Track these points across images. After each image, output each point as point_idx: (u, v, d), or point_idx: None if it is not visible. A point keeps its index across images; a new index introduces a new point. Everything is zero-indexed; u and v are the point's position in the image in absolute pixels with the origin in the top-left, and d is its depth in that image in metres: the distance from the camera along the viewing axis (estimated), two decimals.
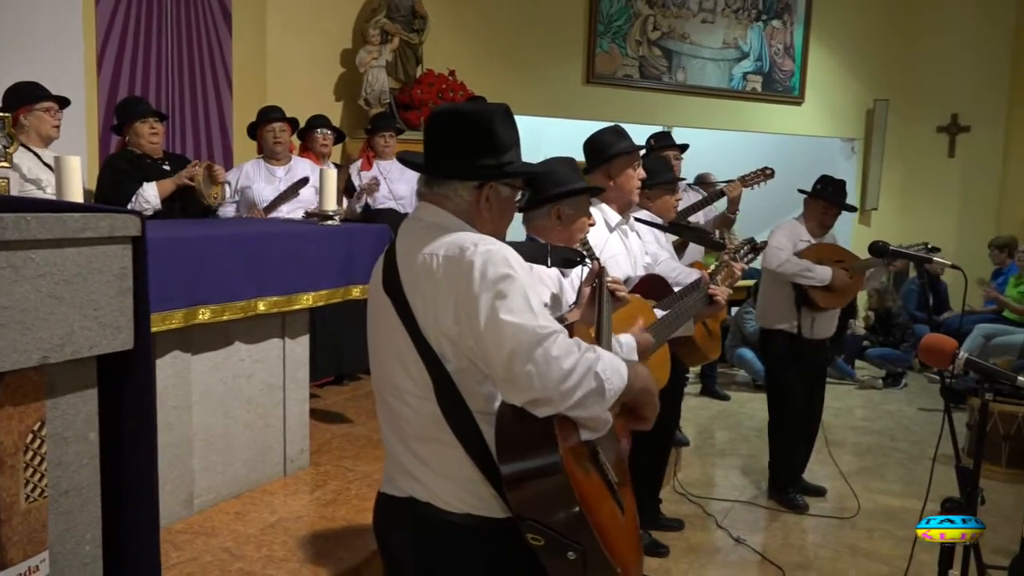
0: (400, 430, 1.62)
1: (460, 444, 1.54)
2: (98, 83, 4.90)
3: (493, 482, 1.53)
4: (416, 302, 1.53)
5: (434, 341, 1.51)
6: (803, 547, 3.97)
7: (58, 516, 1.42)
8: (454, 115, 1.66)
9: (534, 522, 1.47)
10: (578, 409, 1.45)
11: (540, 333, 1.41)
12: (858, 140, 8.99)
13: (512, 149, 1.63)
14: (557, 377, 1.40)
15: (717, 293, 2.93)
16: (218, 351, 3.16)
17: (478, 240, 1.52)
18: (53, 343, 1.37)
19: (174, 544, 2.84)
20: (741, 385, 7.03)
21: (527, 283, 1.48)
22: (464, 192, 1.62)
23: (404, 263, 1.58)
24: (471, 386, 1.53)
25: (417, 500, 1.60)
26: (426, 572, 1.63)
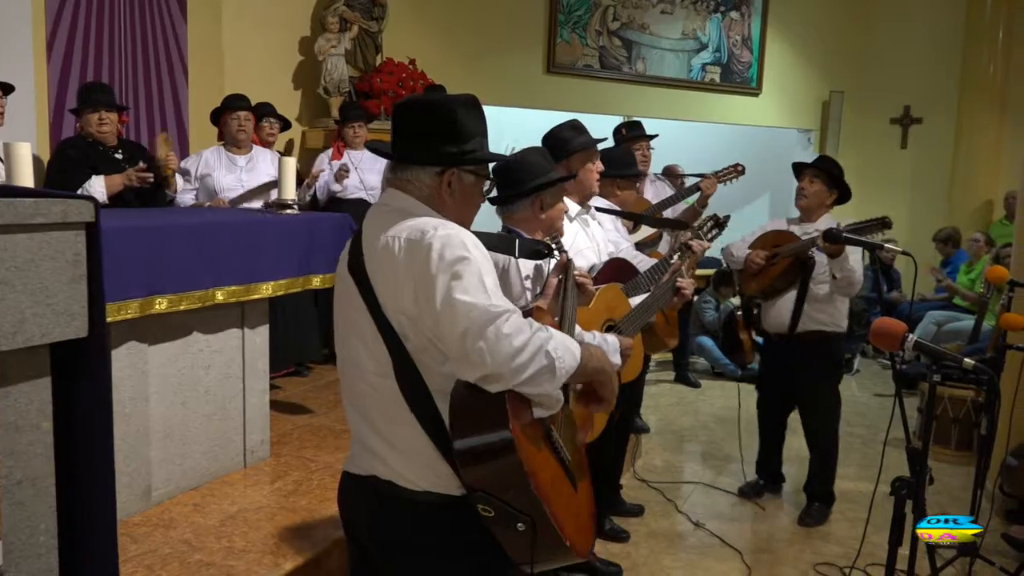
0: (363, 409, 1.66)
1: (418, 422, 1.57)
2: (48, 68, 4.78)
3: (450, 460, 1.57)
4: (378, 283, 1.57)
5: (394, 320, 1.55)
6: (760, 530, 4.05)
7: (11, 506, 1.40)
8: (418, 104, 1.72)
9: (484, 493, 1.51)
10: (529, 386, 1.49)
11: (492, 312, 1.45)
12: (814, 131, 9.13)
13: (476, 138, 1.67)
14: (508, 354, 1.44)
15: (684, 286, 2.98)
16: (176, 341, 3.13)
17: (438, 224, 1.56)
18: (4, 331, 1.35)
19: (132, 537, 2.81)
20: (700, 373, 7.12)
21: (484, 265, 1.52)
22: (426, 177, 1.66)
23: (368, 246, 1.61)
24: (431, 365, 1.56)
25: (379, 478, 1.64)
26: (388, 548, 1.66)
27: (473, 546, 1.62)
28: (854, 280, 3.81)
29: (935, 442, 5.09)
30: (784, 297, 4.01)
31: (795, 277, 3.95)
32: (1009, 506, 3.96)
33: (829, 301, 3.94)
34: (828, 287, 3.89)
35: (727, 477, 4.59)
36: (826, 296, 3.93)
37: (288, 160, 3.80)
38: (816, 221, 4.00)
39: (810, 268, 3.91)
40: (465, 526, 1.60)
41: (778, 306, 4.04)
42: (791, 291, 3.98)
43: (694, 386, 6.75)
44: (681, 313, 4.93)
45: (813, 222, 4.01)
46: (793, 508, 4.24)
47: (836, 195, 4.05)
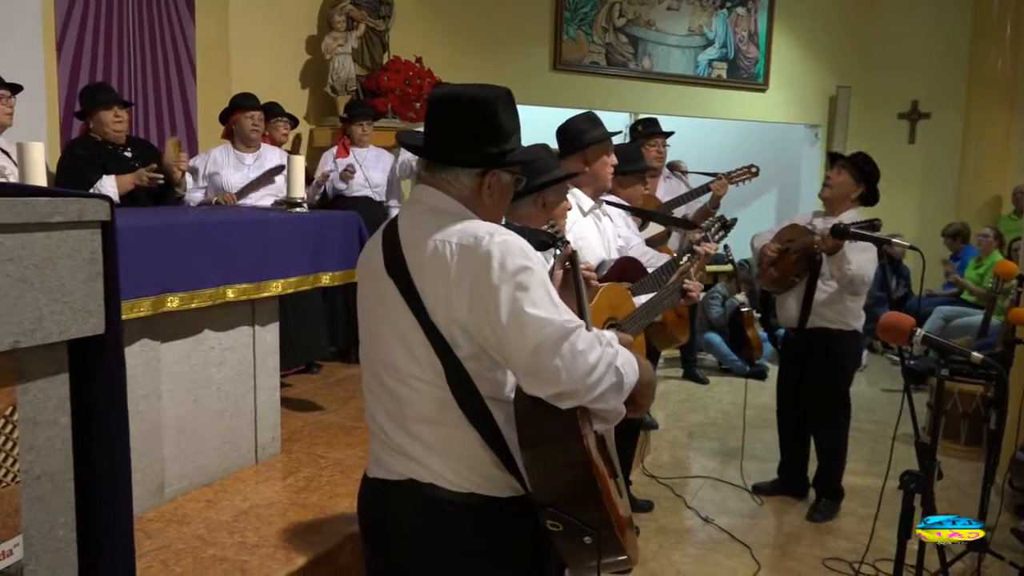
0: (397, 412, 1.61)
1: (472, 427, 1.55)
2: (58, 68, 4.81)
3: (504, 463, 1.56)
4: (425, 288, 1.53)
5: (444, 328, 1.52)
6: (769, 526, 4.06)
7: (31, 501, 1.42)
8: (458, 100, 1.63)
9: (555, 509, 1.50)
10: (600, 402, 1.47)
11: (566, 328, 1.43)
12: (821, 127, 9.11)
13: (514, 136, 1.64)
14: (584, 371, 1.42)
15: (691, 288, 2.96)
16: (187, 339, 3.15)
17: (492, 230, 1.53)
18: (23, 328, 1.37)
19: (146, 532, 2.83)
20: (708, 369, 7.12)
21: (544, 274, 1.49)
22: (466, 178, 1.62)
23: (410, 247, 1.57)
24: (482, 372, 1.54)
25: (418, 481, 1.59)
26: (427, 550, 1.61)
27: (518, 548, 1.62)
28: (856, 279, 3.78)
29: (945, 437, 5.08)
30: (795, 291, 4.00)
31: (805, 272, 3.93)
32: (1019, 501, 3.96)
33: (838, 299, 3.91)
34: (834, 285, 3.86)
35: (736, 472, 4.59)
36: (834, 294, 3.90)
37: (297, 158, 3.82)
38: (840, 215, 3.92)
39: (818, 265, 3.88)
40: (510, 528, 1.60)
41: (789, 300, 4.04)
42: (800, 285, 3.96)
43: (702, 382, 6.76)
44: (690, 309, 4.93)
45: (836, 215, 3.94)
46: (803, 504, 4.25)
47: (862, 190, 3.97)
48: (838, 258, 3.75)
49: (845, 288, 3.84)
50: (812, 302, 3.91)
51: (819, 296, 3.92)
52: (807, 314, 3.94)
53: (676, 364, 7.01)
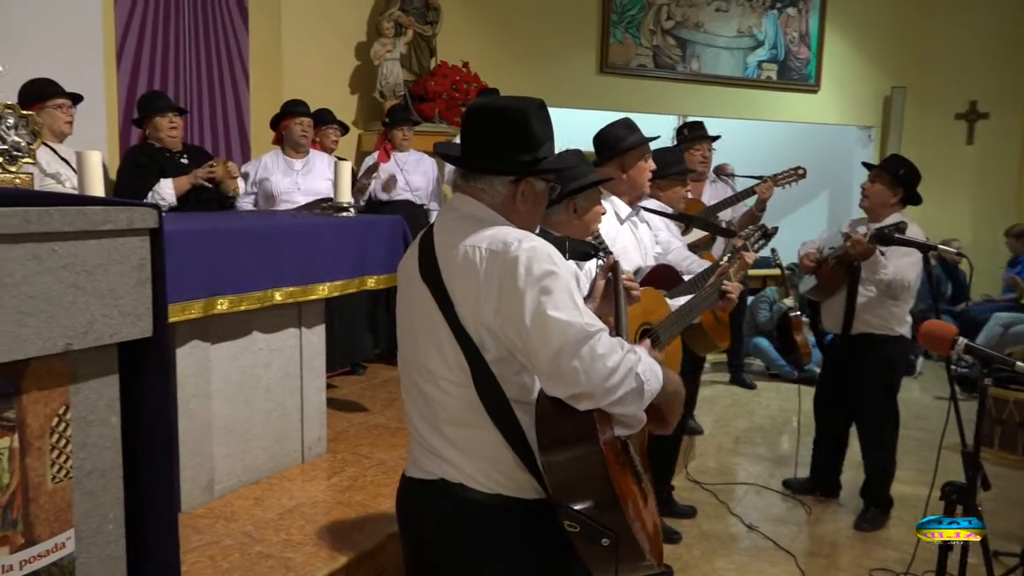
0: (431, 413, 1.66)
1: (497, 429, 1.59)
2: (117, 78, 4.98)
3: (527, 465, 1.59)
4: (456, 292, 1.58)
5: (473, 331, 1.56)
6: (815, 534, 4.00)
7: (83, 496, 1.49)
8: (492, 111, 1.70)
9: (571, 510, 1.52)
10: (618, 406, 1.50)
11: (587, 331, 1.46)
12: (875, 128, 8.94)
13: (547, 144, 1.67)
14: (602, 374, 1.45)
15: (730, 289, 2.93)
16: (236, 341, 3.23)
17: (521, 236, 1.57)
18: (76, 331, 1.43)
19: (195, 528, 2.92)
20: (756, 374, 7.04)
21: (570, 280, 1.53)
22: (500, 186, 1.67)
23: (443, 253, 1.62)
24: (508, 375, 1.58)
25: (448, 481, 1.64)
26: (456, 549, 1.67)
27: (543, 549, 1.64)
28: (894, 283, 3.74)
29: (1001, 447, 4.96)
30: (838, 297, 3.98)
31: (844, 278, 3.91)
32: None
33: (879, 304, 3.88)
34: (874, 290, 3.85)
35: (782, 479, 4.54)
36: (875, 299, 3.87)
37: (344, 164, 3.89)
38: (881, 221, 3.88)
39: (857, 270, 3.85)
40: (536, 529, 1.63)
41: (833, 305, 4.03)
42: (841, 292, 3.95)
43: (749, 387, 6.68)
44: (735, 314, 4.89)
45: (879, 222, 3.90)
46: (850, 512, 4.18)
47: (901, 194, 3.93)
48: (871, 263, 3.73)
49: (884, 293, 3.81)
50: (855, 308, 3.89)
51: (860, 301, 3.90)
52: (851, 320, 3.92)
53: (723, 369, 6.95)
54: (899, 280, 3.75)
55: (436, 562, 1.70)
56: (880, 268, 3.72)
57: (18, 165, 1.61)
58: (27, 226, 1.34)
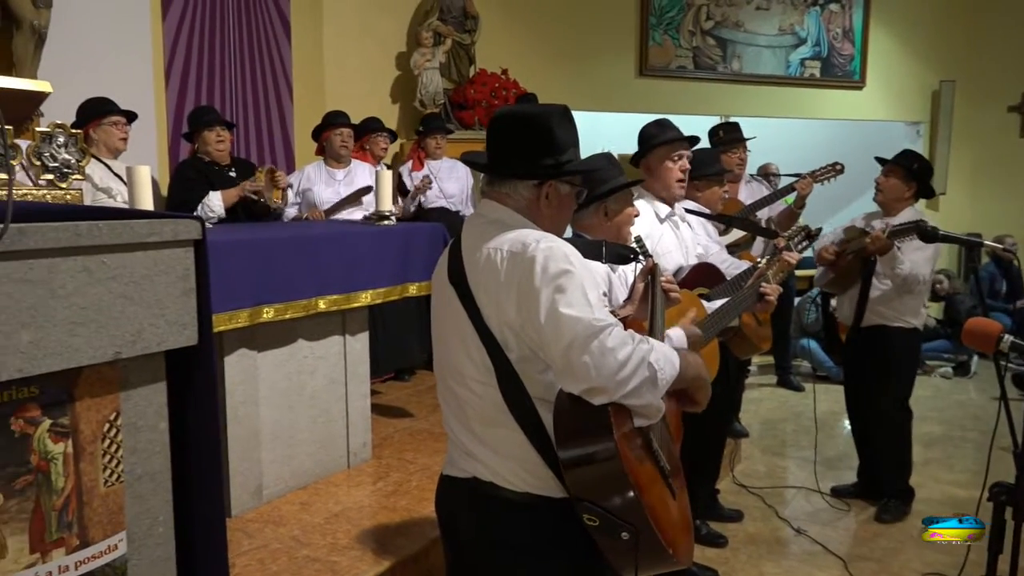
0: (462, 414, 1.71)
1: (520, 428, 1.62)
2: (166, 94, 5.12)
3: (551, 464, 1.61)
4: (480, 294, 1.62)
5: (497, 331, 1.60)
6: (865, 538, 3.93)
7: (133, 499, 1.54)
8: (514, 117, 1.76)
9: (590, 503, 1.54)
10: (632, 398, 1.51)
11: (596, 326, 1.48)
12: (923, 123, 8.75)
13: (571, 149, 1.71)
14: (612, 367, 1.47)
15: (769, 291, 2.89)
16: (282, 348, 3.30)
17: (540, 237, 1.60)
18: (125, 340, 1.49)
19: (245, 532, 2.99)
20: (804, 376, 6.94)
21: (585, 278, 1.55)
22: (524, 190, 1.71)
23: (469, 257, 1.66)
24: (532, 374, 1.61)
25: (479, 479, 1.69)
26: (487, 547, 1.71)
27: (571, 548, 1.66)
28: (910, 278, 3.80)
29: None
30: (852, 291, 4.04)
31: (860, 272, 3.96)
32: None
33: (894, 296, 3.93)
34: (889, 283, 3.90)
35: (830, 482, 4.46)
36: (890, 291, 3.93)
37: (385, 173, 3.95)
38: (896, 216, 3.97)
39: (872, 264, 3.90)
40: (564, 528, 1.64)
41: (847, 299, 4.09)
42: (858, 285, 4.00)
43: (797, 389, 6.58)
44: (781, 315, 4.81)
45: (893, 216, 3.98)
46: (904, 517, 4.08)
47: (915, 188, 4.01)
48: (889, 258, 3.78)
49: (899, 287, 3.87)
50: (867, 301, 3.95)
51: (875, 294, 3.96)
52: (862, 313, 3.97)
53: (770, 371, 6.86)
54: (915, 274, 3.82)
55: (471, 560, 1.75)
56: (897, 263, 3.79)
57: (68, 182, 1.68)
58: (78, 240, 1.39)
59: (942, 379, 6.95)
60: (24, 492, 1.38)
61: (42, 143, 1.66)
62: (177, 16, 5.17)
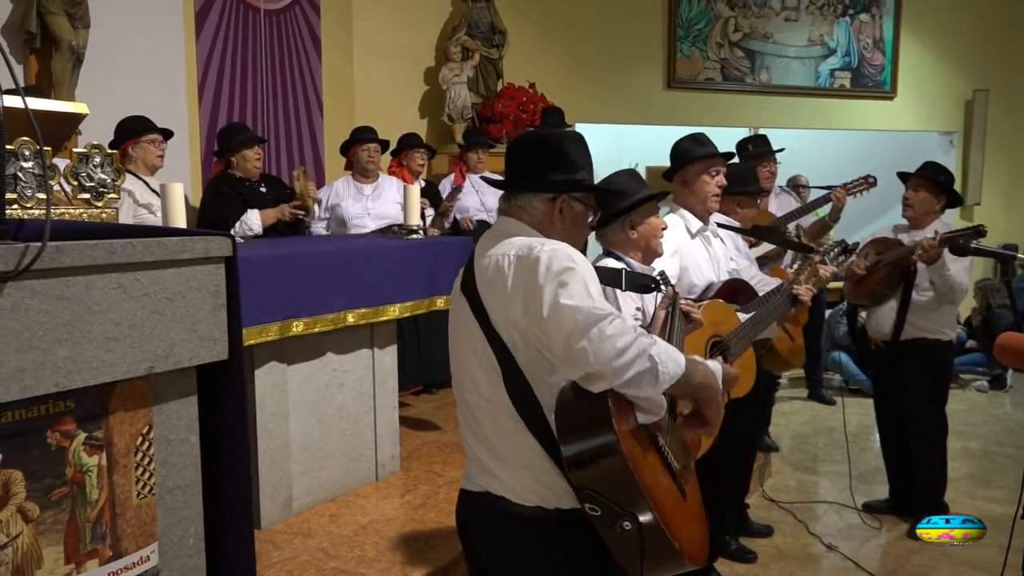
0: (476, 425, 1.73)
1: (529, 432, 1.63)
2: (199, 111, 5.22)
3: (562, 471, 1.60)
4: (488, 298, 1.66)
5: (504, 332, 1.63)
6: (898, 555, 3.86)
7: (165, 511, 1.57)
8: (530, 139, 1.85)
9: (591, 491, 1.54)
10: (631, 387, 1.51)
11: (596, 313, 1.50)
12: (957, 133, 8.64)
13: (583, 169, 1.77)
14: (610, 354, 1.48)
15: (801, 292, 2.88)
16: (311, 361, 3.34)
17: (546, 241, 1.66)
18: (158, 355, 1.52)
19: (274, 544, 3.01)
20: (835, 389, 6.85)
21: (588, 274, 1.59)
22: (539, 204, 1.75)
23: (479, 266, 1.70)
24: (541, 377, 1.63)
25: (492, 494, 1.71)
26: (501, 560, 1.72)
27: (582, 561, 1.66)
28: (955, 288, 3.76)
29: None
30: (888, 304, 3.97)
31: (897, 284, 3.91)
32: None
33: (934, 308, 3.88)
34: (931, 295, 3.84)
35: (863, 498, 4.40)
36: (930, 303, 3.87)
37: (413, 188, 3.98)
38: (925, 228, 3.92)
39: (912, 275, 3.85)
40: (576, 542, 1.64)
41: (881, 313, 4.02)
42: (894, 298, 3.94)
43: (828, 403, 6.50)
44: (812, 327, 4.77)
45: (921, 229, 3.93)
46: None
47: (944, 200, 3.98)
48: (939, 267, 3.70)
49: (944, 297, 3.82)
50: (907, 313, 3.89)
51: (915, 305, 3.90)
52: (902, 325, 3.90)
53: (801, 384, 6.78)
54: (961, 283, 3.78)
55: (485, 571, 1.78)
56: (946, 271, 3.71)
57: (104, 201, 1.72)
58: (112, 257, 1.43)
59: (977, 393, 6.83)
60: (60, 504, 1.42)
61: (79, 163, 1.71)
62: (211, 35, 5.27)
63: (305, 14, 5.89)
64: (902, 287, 3.91)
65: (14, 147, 1.58)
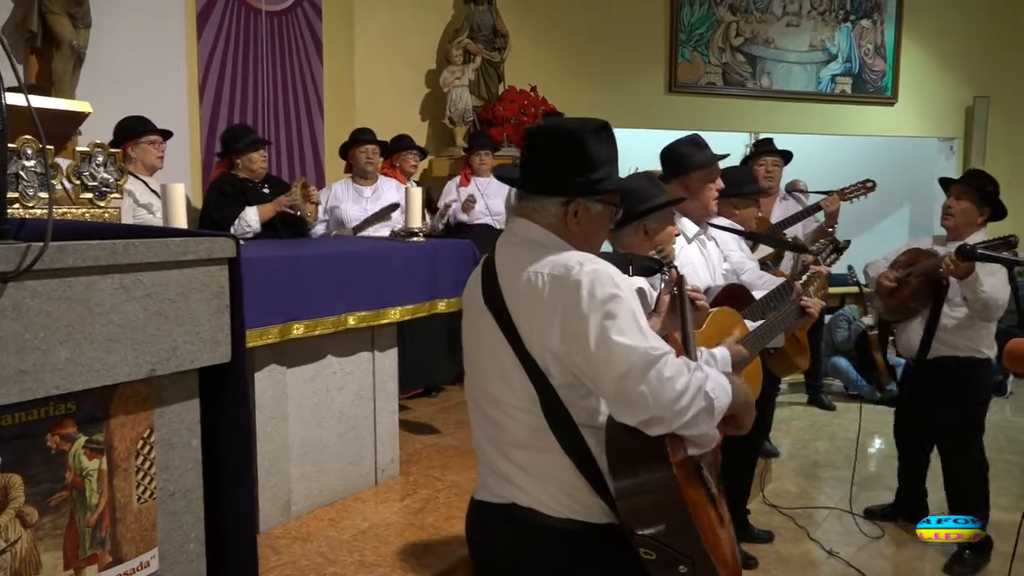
0: (497, 438, 1.66)
1: (566, 454, 1.57)
2: (200, 112, 5.20)
3: (597, 490, 1.58)
4: (520, 319, 1.57)
5: (539, 357, 1.55)
6: (899, 561, 3.85)
7: (166, 516, 1.55)
8: (548, 132, 1.70)
9: (646, 537, 1.51)
10: (689, 428, 1.48)
11: (652, 355, 1.45)
12: (957, 139, 8.64)
13: (605, 166, 1.63)
14: (671, 397, 1.44)
15: (810, 305, 2.86)
16: (311, 364, 3.32)
17: (584, 260, 1.55)
18: (160, 357, 1.50)
19: (273, 548, 2.99)
20: (835, 395, 6.84)
21: (634, 302, 1.51)
22: (551, 207, 1.64)
23: (506, 279, 1.62)
24: (575, 400, 1.57)
25: (518, 505, 1.63)
26: (529, 574, 1.66)
27: (617, 573, 1.62)
28: (991, 304, 3.48)
29: None
30: (918, 319, 3.75)
31: (929, 299, 3.67)
32: None
33: (968, 325, 3.63)
34: (965, 310, 3.60)
35: (864, 503, 4.38)
36: (964, 320, 3.62)
37: (414, 190, 3.97)
38: (965, 240, 3.62)
39: (944, 290, 3.62)
40: (606, 554, 1.61)
41: (911, 328, 3.79)
42: (925, 313, 3.72)
43: (829, 409, 6.48)
44: (813, 333, 4.77)
45: (961, 241, 3.62)
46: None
47: (988, 213, 3.70)
48: (971, 282, 3.46)
49: (978, 314, 3.56)
50: (935, 330, 3.66)
51: (947, 323, 3.66)
52: (929, 343, 3.68)
53: (801, 390, 6.76)
54: (996, 299, 3.49)
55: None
56: (979, 286, 3.45)
57: (107, 201, 1.70)
58: (115, 258, 1.42)
59: None
60: (59, 508, 1.40)
61: (82, 162, 1.69)
62: (212, 36, 5.25)
63: (307, 16, 5.88)
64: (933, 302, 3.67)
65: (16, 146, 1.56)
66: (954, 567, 3.73)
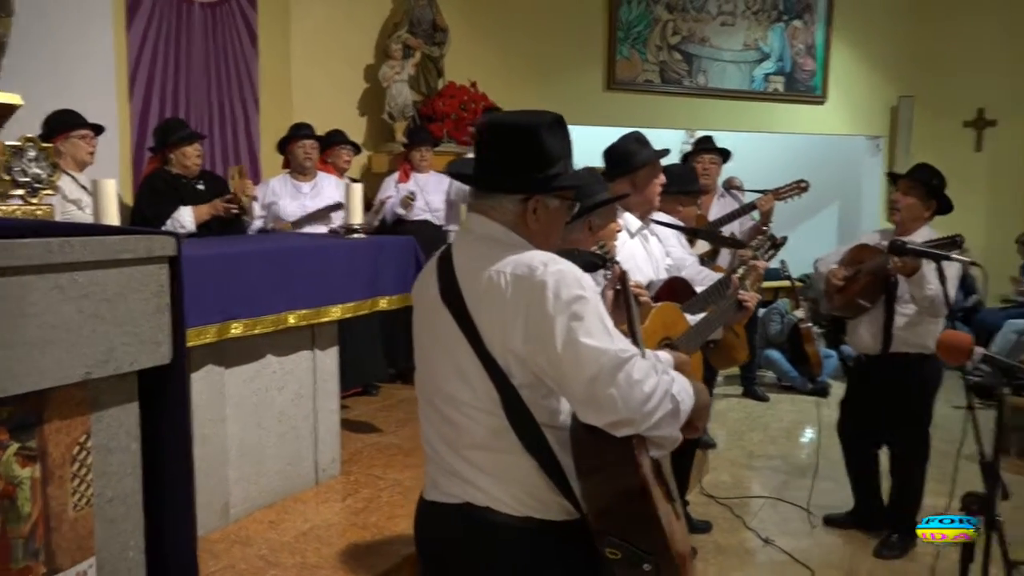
0: (452, 438, 1.63)
1: (529, 454, 1.56)
2: (130, 106, 5.04)
3: (560, 489, 1.57)
4: (481, 318, 1.55)
5: (500, 357, 1.53)
6: (832, 547, 3.97)
7: (104, 523, 1.50)
8: (502, 127, 1.65)
9: (612, 536, 1.52)
10: (655, 430, 1.49)
11: (622, 357, 1.45)
12: (883, 137, 8.93)
13: (561, 161, 1.61)
14: (640, 400, 1.44)
15: (747, 299, 2.93)
16: (250, 364, 3.25)
17: (547, 260, 1.53)
18: (96, 359, 1.45)
19: (211, 553, 2.93)
20: (768, 386, 7.02)
21: (599, 303, 1.51)
22: (510, 204, 1.62)
23: (465, 277, 1.59)
24: (536, 400, 1.55)
25: (474, 504, 1.61)
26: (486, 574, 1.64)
27: (574, 572, 1.63)
28: (938, 299, 3.45)
29: (1018, 456, 4.92)
30: (867, 316, 3.78)
31: (878, 295, 3.72)
32: None
33: (918, 322, 3.67)
34: (913, 307, 3.65)
35: (797, 492, 4.51)
36: (914, 317, 3.66)
37: (355, 186, 3.92)
38: (913, 235, 3.62)
39: (893, 286, 3.66)
40: (566, 552, 1.61)
41: (862, 326, 3.82)
42: (874, 309, 3.74)
43: (762, 400, 6.65)
44: (748, 326, 4.88)
45: (908, 235, 3.64)
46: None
47: (934, 207, 3.73)
48: (918, 279, 3.49)
49: (926, 310, 3.59)
50: (892, 327, 3.68)
51: (897, 320, 3.69)
52: (889, 340, 3.70)
53: (735, 382, 6.92)
54: (941, 296, 3.38)
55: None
56: (926, 284, 3.47)
57: (39, 197, 1.64)
58: (49, 256, 1.36)
59: None
60: None
61: (12, 157, 1.62)
62: (142, 26, 5.09)
63: (241, 8, 5.74)
64: (883, 299, 3.70)
65: None
66: (883, 551, 3.84)
